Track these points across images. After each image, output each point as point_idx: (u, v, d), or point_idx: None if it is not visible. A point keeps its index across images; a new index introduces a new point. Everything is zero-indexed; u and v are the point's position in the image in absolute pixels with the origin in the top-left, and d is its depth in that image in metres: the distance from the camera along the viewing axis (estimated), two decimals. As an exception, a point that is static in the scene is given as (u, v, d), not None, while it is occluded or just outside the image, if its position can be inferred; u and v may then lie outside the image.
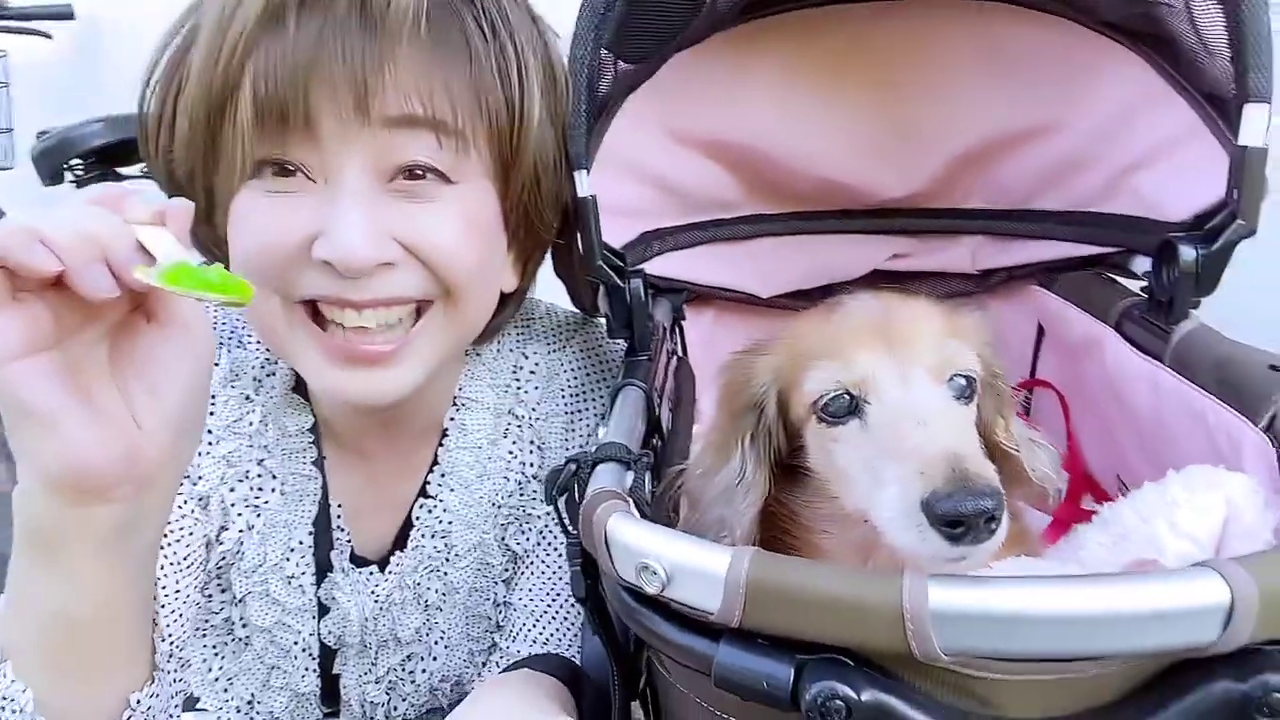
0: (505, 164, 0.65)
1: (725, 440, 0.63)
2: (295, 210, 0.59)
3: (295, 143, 0.58)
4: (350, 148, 0.58)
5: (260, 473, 0.71)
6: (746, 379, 0.65)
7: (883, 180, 0.95)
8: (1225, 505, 0.48)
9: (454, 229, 0.62)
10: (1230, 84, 0.65)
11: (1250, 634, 0.38)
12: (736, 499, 0.60)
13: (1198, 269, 0.67)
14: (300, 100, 0.56)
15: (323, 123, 0.58)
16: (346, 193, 0.58)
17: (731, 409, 0.65)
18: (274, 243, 0.59)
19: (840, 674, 0.41)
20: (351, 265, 0.58)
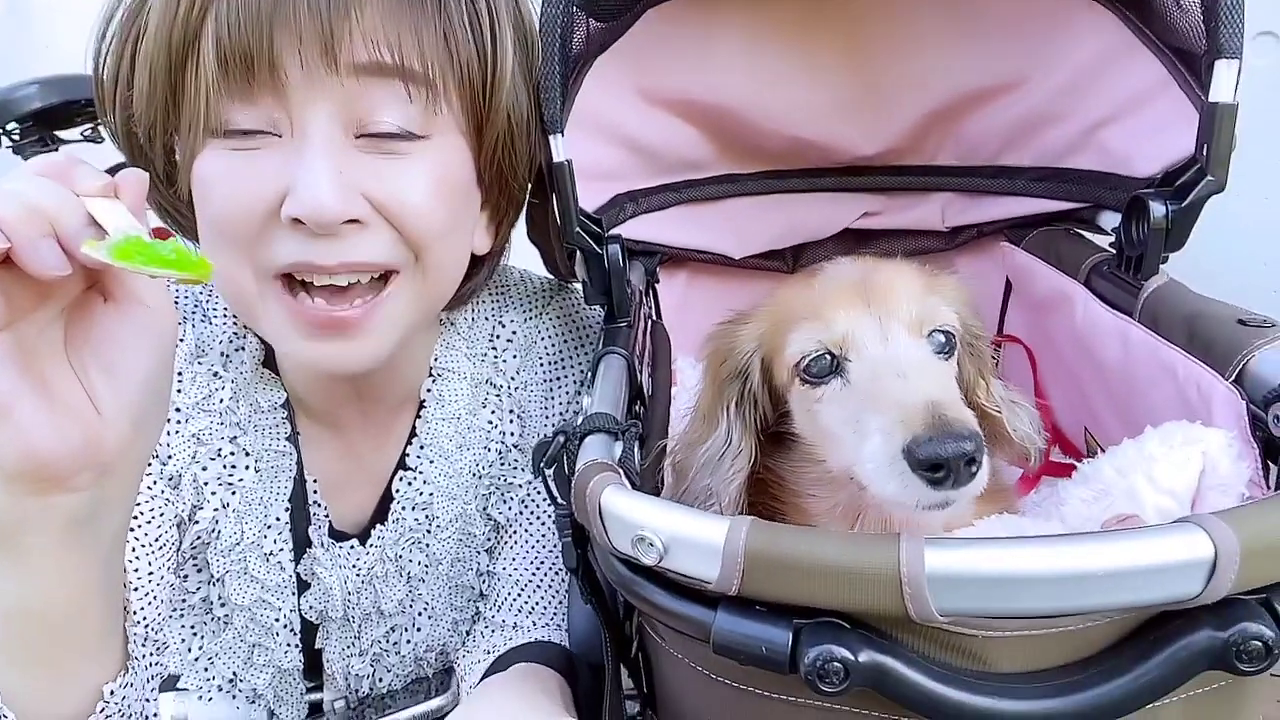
0: (478, 118, 0.63)
1: (711, 409, 0.64)
2: (261, 169, 0.57)
3: (260, 93, 0.56)
4: (317, 98, 0.56)
5: (233, 450, 0.69)
6: (730, 348, 0.65)
7: (853, 138, 0.95)
8: (1201, 459, 0.50)
9: (424, 186, 0.60)
10: (1201, 40, 0.65)
11: (1231, 586, 0.39)
12: (723, 467, 0.61)
13: (1168, 225, 0.68)
14: (265, 48, 0.54)
15: (288, 71, 0.55)
16: (313, 145, 0.56)
17: (717, 378, 0.66)
18: (242, 206, 0.57)
19: (837, 637, 0.41)
20: (320, 219, 0.56)
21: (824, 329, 0.59)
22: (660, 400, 0.74)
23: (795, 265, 1.03)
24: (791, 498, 0.64)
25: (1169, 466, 0.50)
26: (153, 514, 0.67)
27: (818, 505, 0.62)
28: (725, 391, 0.64)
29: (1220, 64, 0.63)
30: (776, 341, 0.62)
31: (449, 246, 0.64)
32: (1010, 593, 0.39)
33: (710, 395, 0.66)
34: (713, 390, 0.66)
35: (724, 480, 0.60)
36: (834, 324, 0.59)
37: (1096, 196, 0.84)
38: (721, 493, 0.60)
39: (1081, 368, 0.79)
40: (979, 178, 0.95)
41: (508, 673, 0.70)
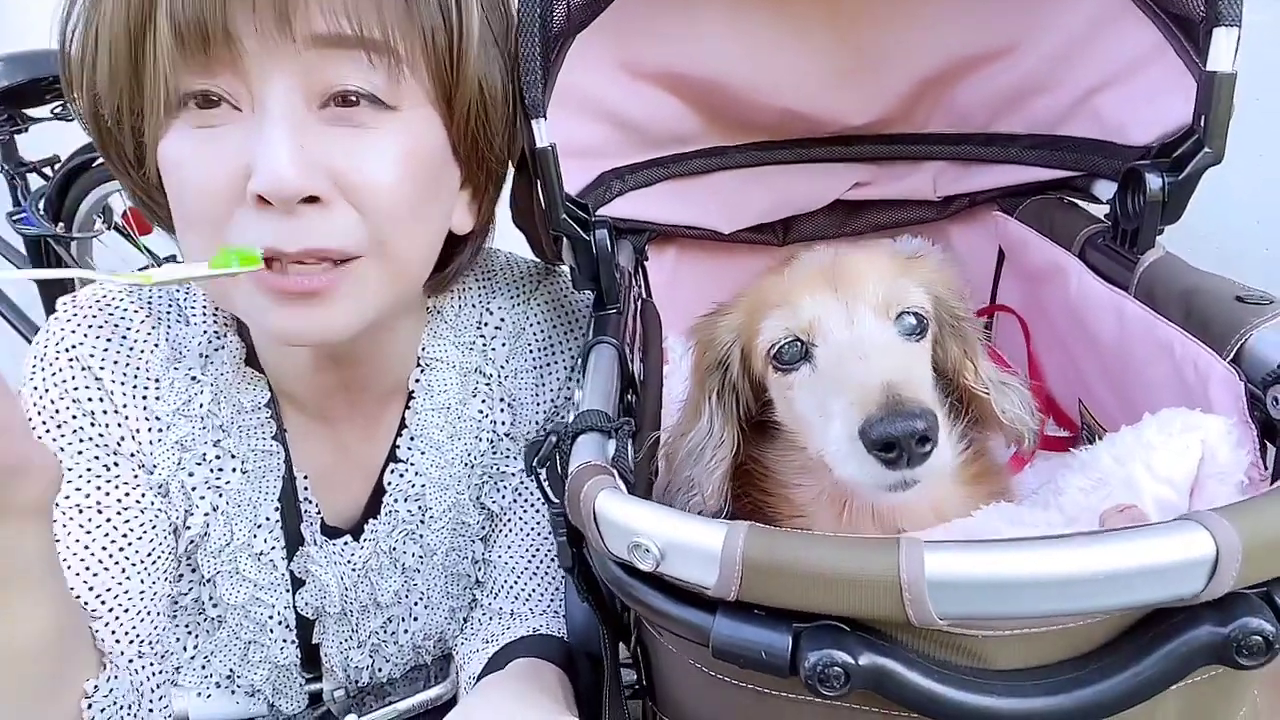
0: (447, 87, 0.60)
1: (696, 401, 0.63)
2: (223, 146, 0.55)
3: (219, 68, 0.54)
4: (275, 69, 0.54)
5: (218, 453, 0.68)
6: (710, 339, 0.65)
7: (842, 107, 0.93)
8: (1200, 447, 0.49)
9: (391, 161, 0.58)
10: (1199, 6, 0.64)
11: (1233, 583, 0.39)
12: (705, 457, 0.61)
13: (1164, 198, 0.67)
14: (219, 19, 0.52)
15: (244, 42, 0.53)
16: (272, 117, 0.54)
17: (700, 370, 0.65)
18: (208, 187, 0.55)
19: (837, 641, 0.41)
20: (280, 193, 0.54)
21: (792, 315, 0.59)
22: (652, 386, 0.73)
23: (785, 238, 1.02)
24: (777, 488, 0.63)
25: (1167, 455, 0.50)
26: (142, 529, 0.66)
27: (803, 494, 0.62)
28: (707, 382, 0.63)
29: (1219, 32, 0.61)
30: (752, 330, 0.62)
31: (415, 228, 0.61)
32: (1011, 596, 0.39)
33: (694, 387, 0.66)
34: (696, 381, 0.66)
35: (706, 470, 0.60)
36: (801, 310, 0.59)
37: (1091, 165, 0.82)
38: (704, 483, 0.60)
39: (1075, 340, 0.78)
40: (971, 145, 0.93)
41: (506, 670, 0.70)
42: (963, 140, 0.94)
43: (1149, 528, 0.39)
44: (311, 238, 0.56)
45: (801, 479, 0.62)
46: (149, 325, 0.67)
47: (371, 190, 0.57)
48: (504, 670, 0.70)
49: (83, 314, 0.66)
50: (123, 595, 0.65)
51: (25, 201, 1.76)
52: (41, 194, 1.75)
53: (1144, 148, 0.74)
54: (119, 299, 0.68)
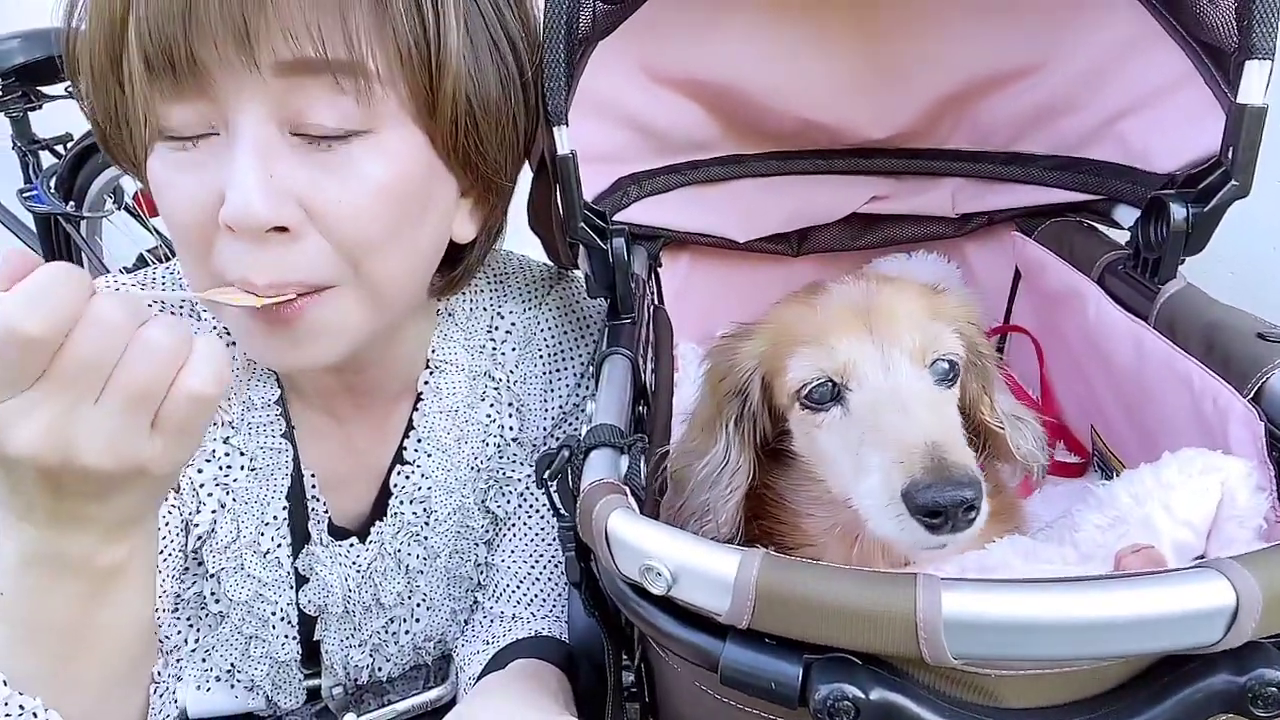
0: (427, 100, 0.57)
1: (709, 424, 0.62)
2: (202, 172, 0.54)
3: (190, 93, 0.53)
4: (244, 95, 0.53)
5: (227, 450, 0.68)
6: (730, 365, 0.64)
7: (863, 120, 0.92)
8: (1220, 489, 0.49)
9: (365, 188, 0.55)
10: (1231, 36, 0.63)
11: (1252, 633, 0.38)
12: (721, 483, 0.60)
13: (1189, 228, 0.66)
14: (183, 49, 0.51)
15: (211, 70, 0.52)
16: (242, 146, 0.53)
17: (716, 394, 0.64)
18: (187, 213, 0.55)
19: (848, 674, 0.41)
20: (246, 224, 0.52)
21: (826, 356, 0.58)
22: (663, 396, 0.72)
23: (800, 249, 1.01)
24: (791, 516, 0.63)
25: (1187, 496, 0.49)
26: (162, 538, 0.66)
27: (816, 525, 0.61)
28: (725, 409, 0.62)
29: (1250, 64, 0.60)
30: (777, 363, 0.61)
31: (395, 253, 0.59)
32: (1028, 638, 0.39)
33: (709, 409, 0.65)
34: (712, 405, 0.64)
35: (721, 497, 0.59)
36: (835, 351, 0.58)
37: (1113, 189, 0.82)
38: (719, 509, 0.59)
39: (1091, 367, 0.78)
40: (992, 164, 0.92)
41: (506, 671, 0.69)
42: (984, 158, 0.93)
43: (1168, 574, 0.39)
44: (280, 269, 0.55)
45: (815, 510, 0.61)
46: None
47: (342, 219, 0.55)
48: (504, 670, 0.70)
49: None
50: None
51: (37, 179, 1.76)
52: (53, 172, 1.74)
53: (1168, 175, 0.73)
54: (133, 290, 0.67)
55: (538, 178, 0.73)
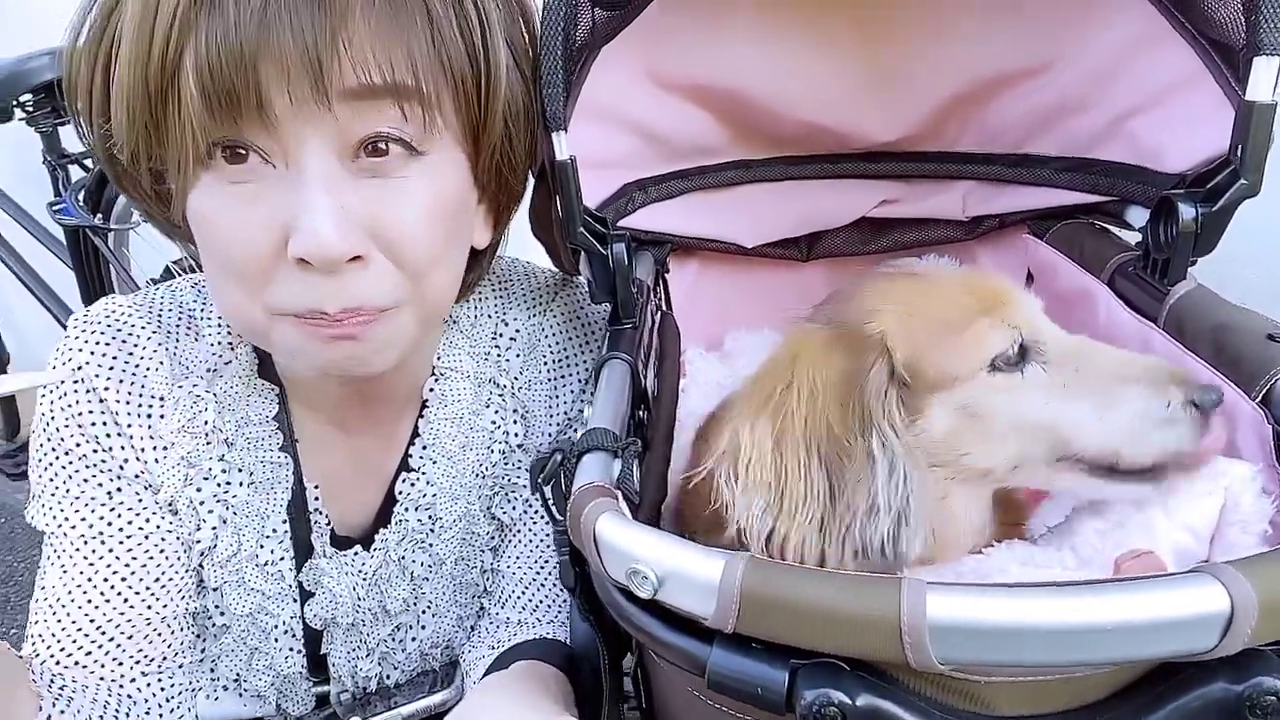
0: (474, 127, 0.60)
1: (839, 443, 0.55)
2: (260, 205, 0.54)
3: (249, 126, 0.53)
4: (309, 129, 0.53)
5: (224, 468, 0.69)
6: (855, 369, 0.58)
7: (871, 123, 0.91)
8: (1223, 494, 0.48)
9: (422, 210, 0.57)
10: (1240, 33, 0.62)
11: (1248, 640, 0.37)
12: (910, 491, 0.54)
13: (1198, 229, 0.65)
14: (250, 84, 0.51)
15: (277, 105, 0.52)
16: (311, 180, 0.54)
17: (838, 410, 0.57)
18: (246, 247, 0.55)
19: (835, 679, 0.40)
20: (325, 257, 0.54)
21: (1009, 320, 0.59)
22: (666, 401, 0.72)
23: (809, 254, 1.01)
24: None
25: (1188, 500, 0.48)
26: (147, 556, 0.67)
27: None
28: (870, 412, 0.56)
29: (1259, 61, 0.59)
30: (929, 342, 0.58)
31: (445, 267, 0.62)
32: (1014, 644, 0.38)
33: (833, 426, 0.56)
34: (828, 427, 0.56)
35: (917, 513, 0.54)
36: (1015, 314, 0.60)
37: (1124, 190, 0.80)
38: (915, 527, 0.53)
39: (1102, 370, 0.76)
40: (1002, 166, 0.91)
41: (508, 671, 0.70)
42: (993, 160, 0.92)
43: (1160, 579, 0.38)
44: (353, 296, 0.56)
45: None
46: (155, 342, 0.67)
47: (404, 241, 0.57)
48: (505, 671, 0.70)
49: (91, 331, 0.66)
50: (125, 623, 0.66)
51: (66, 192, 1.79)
52: (81, 185, 1.78)
53: (1179, 175, 0.72)
54: (129, 314, 0.68)
55: (539, 184, 0.73)
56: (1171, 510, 0.48)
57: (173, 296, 0.70)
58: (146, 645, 0.67)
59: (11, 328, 2.21)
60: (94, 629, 0.65)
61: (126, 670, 0.67)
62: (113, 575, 0.66)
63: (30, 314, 2.05)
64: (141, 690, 0.67)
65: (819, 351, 0.60)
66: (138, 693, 0.67)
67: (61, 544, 0.66)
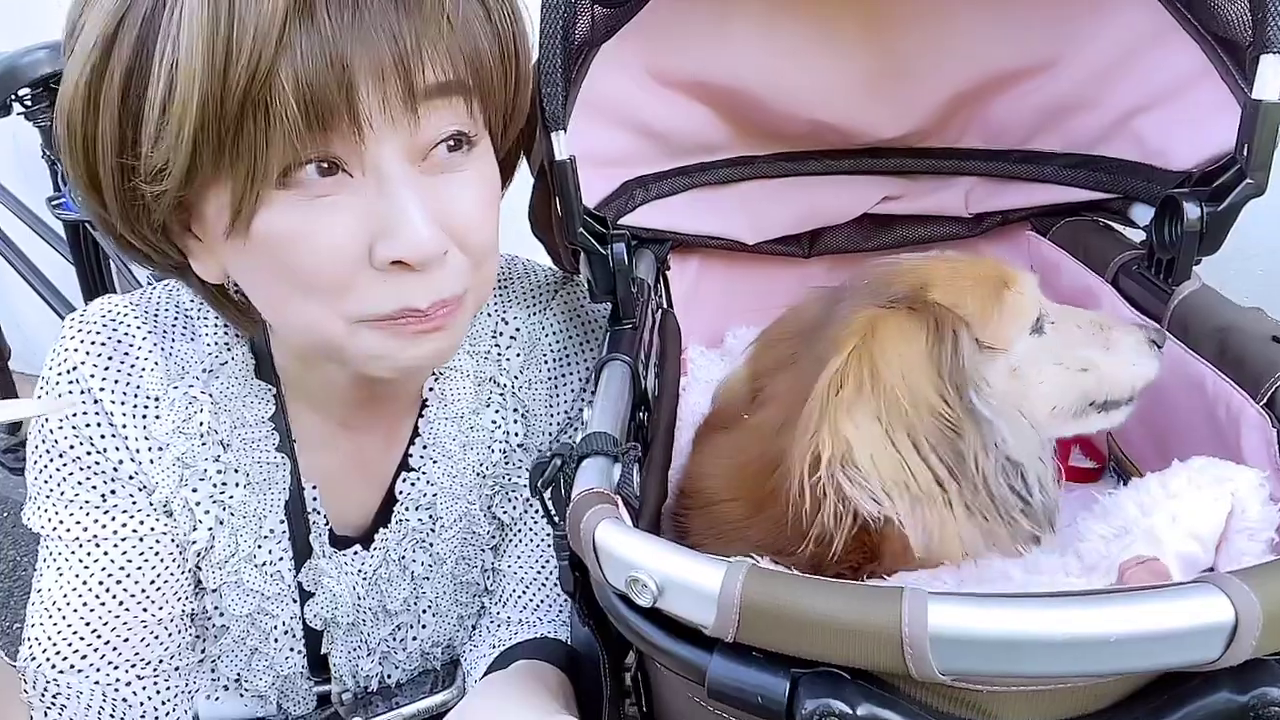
0: (504, 117, 0.62)
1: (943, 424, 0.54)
2: (342, 216, 0.54)
3: (338, 138, 0.52)
4: (389, 134, 0.54)
5: (220, 468, 0.68)
6: (935, 341, 0.57)
7: (874, 119, 0.91)
8: (1230, 500, 0.47)
9: (479, 198, 0.59)
10: (1247, 30, 0.61)
11: (1252, 650, 0.37)
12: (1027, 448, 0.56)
13: (1202, 228, 0.64)
14: (345, 94, 0.50)
15: (372, 114, 0.52)
16: (399, 183, 0.54)
17: (931, 385, 0.56)
18: (332, 258, 0.54)
19: (836, 689, 0.40)
20: (425, 258, 0.55)
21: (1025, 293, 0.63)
22: (666, 401, 0.72)
23: (811, 250, 1.00)
24: None
25: (1194, 507, 0.48)
26: (142, 559, 0.67)
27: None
28: (970, 378, 0.56)
29: (1266, 59, 0.59)
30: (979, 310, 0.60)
31: (495, 256, 0.63)
32: (1017, 655, 0.38)
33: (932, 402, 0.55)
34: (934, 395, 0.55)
35: (1036, 468, 0.55)
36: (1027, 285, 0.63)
37: (1128, 187, 0.80)
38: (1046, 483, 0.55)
39: (1106, 369, 0.76)
40: (1005, 162, 0.91)
41: (509, 670, 0.70)
42: (997, 156, 0.91)
43: (1164, 589, 0.38)
44: (440, 289, 0.57)
45: None
46: (151, 342, 0.67)
47: (471, 232, 0.58)
48: (505, 670, 0.70)
49: (87, 331, 0.66)
50: (120, 626, 0.66)
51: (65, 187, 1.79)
52: (81, 180, 1.77)
53: (1184, 173, 0.72)
54: (124, 315, 0.67)
55: (538, 183, 0.72)
56: (1177, 516, 0.48)
57: (169, 296, 0.70)
58: (143, 648, 0.67)
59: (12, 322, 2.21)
60: (89, 632, 0.65)
61: (122, 674, 0.67)
62: (108, 578, 0.66)
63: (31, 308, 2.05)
64: (137, 694, 0.67)
65: (893, 329, 0.57)
66: (133, 696, 0.67)
67: (57, 547, 0.66)
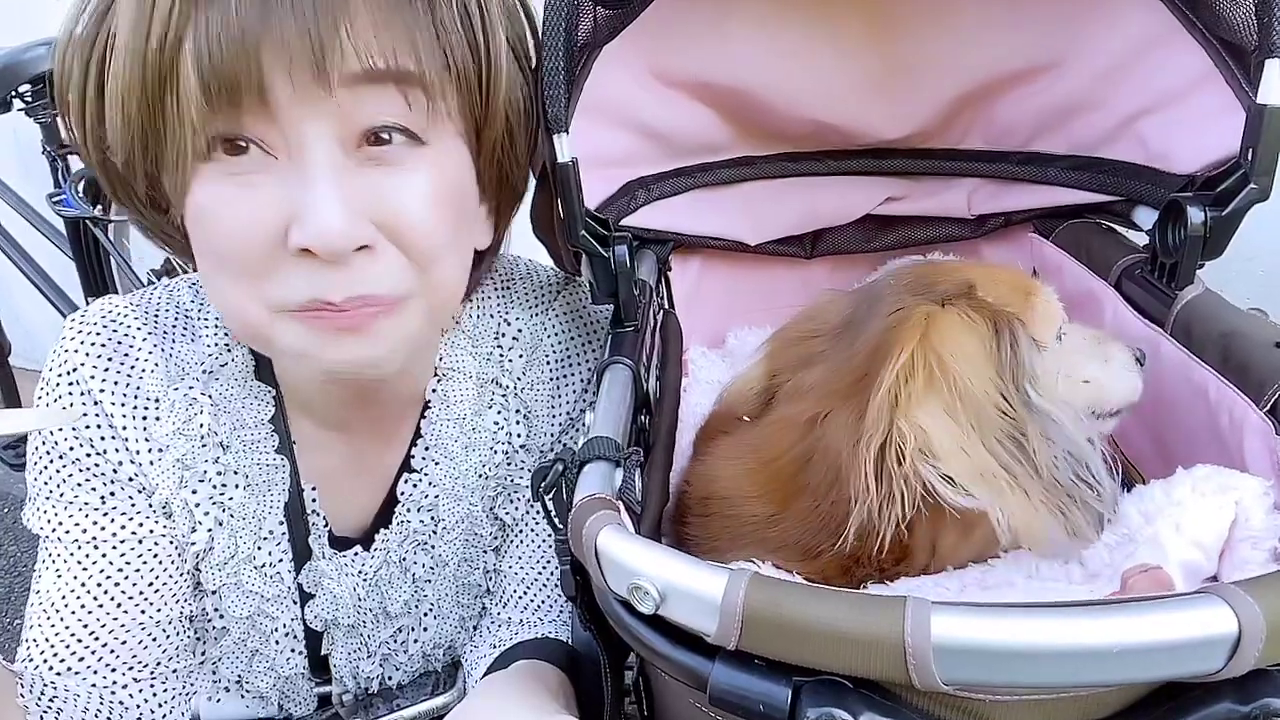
0: (477, 121, 0.60)
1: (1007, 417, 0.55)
2: (261, 196, 0.53)
3: (249, 117, 0.52)
4: (311, 117, 0.52)
5: (219, 470, 0.68)
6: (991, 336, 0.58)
7: (876, 120, 0.90)
8: (1234, 509, 0.47)
9: (428, 198, 0.57)
10: (1252, 35, 0.61)
11: (1255, 661, 0.37)
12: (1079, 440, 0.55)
13: (1206, 233, 0.64)
14: (252, 72, 0.50)
15: (278, 93, 0.51)
16: (316, 168, 0.53)
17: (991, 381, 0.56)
18: (246, 239, 0.54)
19: (838, 697, 0.40)
20: (331, 248, 0.53)
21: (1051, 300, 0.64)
22: (668, 404, 0.72)
23: (814, 251, 1.00)
24: None
25: (1198, 515, 0.48)
26: (141, 560, 0.67)
27: None
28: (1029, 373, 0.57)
29: (1271, 64, 0.58)
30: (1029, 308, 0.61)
31: (452, 260, 0.61)
32: (1019, 665, 0.38)
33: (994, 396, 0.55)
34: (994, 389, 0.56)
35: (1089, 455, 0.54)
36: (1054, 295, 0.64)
37: (1132, 190, 0.79)
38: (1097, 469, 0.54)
39: (1108, 373, 0.76)
40: (1009, 164, 0.90)
41: (509, 670, 0.70)
42: (1000, 158, 0.91)
43: (1167, 600, 0.38)
44: (361, 285, 0.55)
45: None
46: (151, 343, 0.67)
47: (412, 229, 0.56)
48: (506, 670, 0.70)
49: (87, 332, 0.66)
50: (119, 628, 0.66)
51: (66, 183, 1.79)
52: (81, 176, 1.77)
53: (1188, 177, 0.71)
54: (125, 316, 0.67)
55: (540, 185, 0.72)
56: (1181, 525, 0.48)
57: (170, 297, 0.70)
58: (140, 650, 0.67)
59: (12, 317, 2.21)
60: (87, 634, 0.65)
61: (119, 676, 0.67)
62: (106, 580, 0.66)
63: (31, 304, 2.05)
64: (134, 696, 0.67)
65: (954, 324, 0.58)
66: (129, 699, 0.67)
67: (56, 549, 0.66)
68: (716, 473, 0.68)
